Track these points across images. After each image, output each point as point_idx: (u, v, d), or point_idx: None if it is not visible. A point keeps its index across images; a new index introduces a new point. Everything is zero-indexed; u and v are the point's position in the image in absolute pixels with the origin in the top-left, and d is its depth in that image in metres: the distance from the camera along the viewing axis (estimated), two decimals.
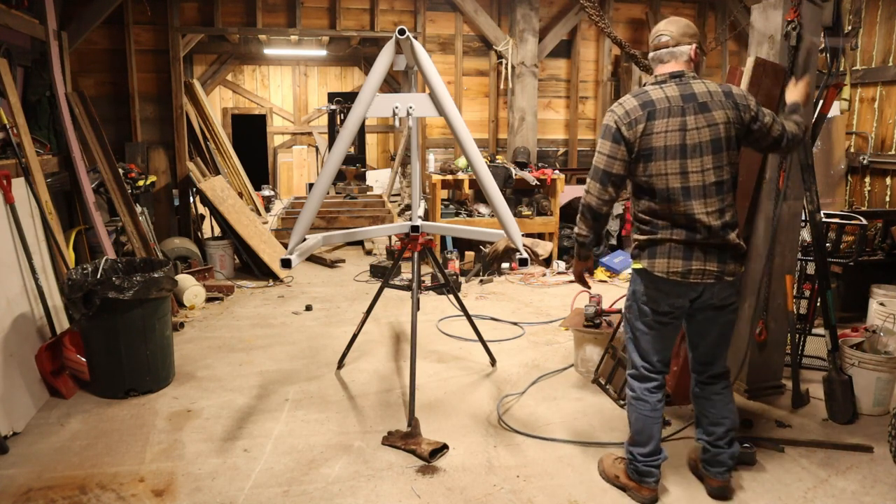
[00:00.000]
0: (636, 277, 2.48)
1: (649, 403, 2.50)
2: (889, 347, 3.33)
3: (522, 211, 6.62)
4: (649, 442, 2.50)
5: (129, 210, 4.98)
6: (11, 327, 3.26)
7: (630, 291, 2.53)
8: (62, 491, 2.58)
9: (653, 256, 2.38)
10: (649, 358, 2.50)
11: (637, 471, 2.53)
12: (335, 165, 3.10)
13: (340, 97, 10.67)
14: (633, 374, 2.56)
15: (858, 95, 6.01)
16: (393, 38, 3.06)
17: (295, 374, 3.82)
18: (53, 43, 4.69)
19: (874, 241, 4.85)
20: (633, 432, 2.54)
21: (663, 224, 2.37)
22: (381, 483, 2.65)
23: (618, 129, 2.33)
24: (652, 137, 2.30)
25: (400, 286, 4.33)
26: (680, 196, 2.31)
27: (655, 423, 2.50)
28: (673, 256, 2.35)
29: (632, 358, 2.56)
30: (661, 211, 2.36)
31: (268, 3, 6.57)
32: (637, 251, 2.45)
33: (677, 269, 2.34)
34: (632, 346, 2.55)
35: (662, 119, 2.30)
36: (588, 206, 2.43)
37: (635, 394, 2.53)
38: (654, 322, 2.46)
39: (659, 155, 2.31)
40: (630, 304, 2.53)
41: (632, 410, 2.54)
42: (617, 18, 7.44)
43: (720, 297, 2.42)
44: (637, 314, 2.50)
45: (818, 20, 3.24)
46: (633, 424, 2.54)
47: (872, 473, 2.75)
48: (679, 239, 2.35)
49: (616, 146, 2.34)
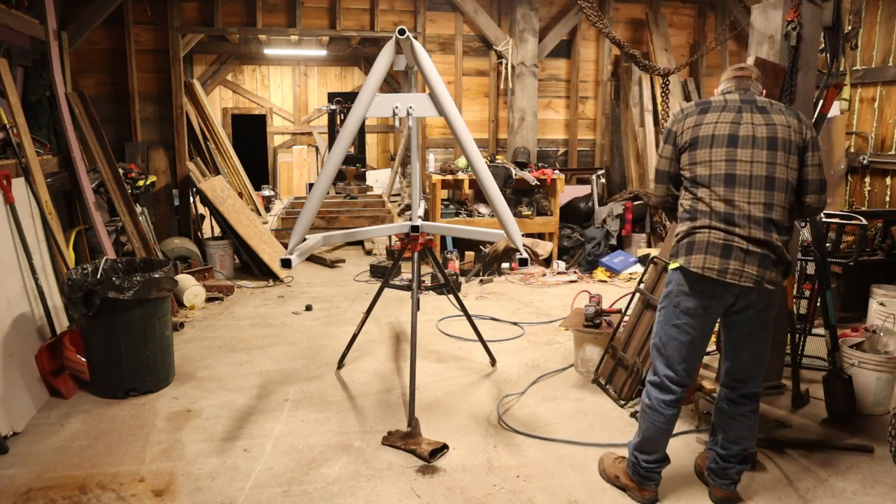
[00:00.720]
0: (672, 278, 2.41)
1: (664, 416, 2.43)
2: (889, 347, 3.33)
3: (522, 211, 6.62)
4: (656, 451, 2.48)
5: (129, 210, 4.98)
6: (11, 327, 3.26)
7: (664, 293, 2.45)
8: (62, 491, 2.58)
9: (689, 253, 2.32)
10: (674, 366, 2.41)
11: (639, 473, 2.51)
12: (335, 165, 3.10)
13: (340, 97, 10.67)
14: (655, 381, 2.46)
15: (858, 95, 6.01)
16: (393, 38, 3.06)
17: (295, 374, 3.82)
18: (53, 43, 4.69)
19: (874, 241, 4.85)
20: (642, 439, 2.49)
21: (703, 216, 2.31)
22: (381, 483, 2.65)
23: (670, 128, 2.45)
24: (701, 128, 2.36)
25: (400, 286, 4.33)
26: (722, 183, 2.28)
27: (666, 435, 2.47)
28: (710, 253, 2.28)
29: (655, 365, 2.47)
30: (703, 199, 2.31)
31: (268, 3, 6.57)
32: (675, 249, 2.39)
33: (714, 266, 2.26)
34: (657, 352, 2.47)
35: (715, 112, 2.36)
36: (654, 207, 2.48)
37: (651, 403, 2.45)
38: (685, 325, 2.37)
39: (705, 143, 2.33)
40: (663, 307, 2.46)
41: (644, 419, 2.48)
42: (617, 18, 7.44)
43: (757, 306, 2.33)
44: (668, 317, 2.42)
45: (818, 20, 3.24)
46: (643, 432, 2.49)
47: (872, 473, 2.75)
48: (718, 234, 2.27)
49: (669, 147, 2.45)
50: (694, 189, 2.36)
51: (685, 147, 2.38)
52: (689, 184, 2.38)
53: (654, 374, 2.48)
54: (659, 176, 2.52)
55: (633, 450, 2.54)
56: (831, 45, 3.35)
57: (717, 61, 7.77)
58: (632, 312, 3.68)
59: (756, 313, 2.35)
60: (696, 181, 2.35)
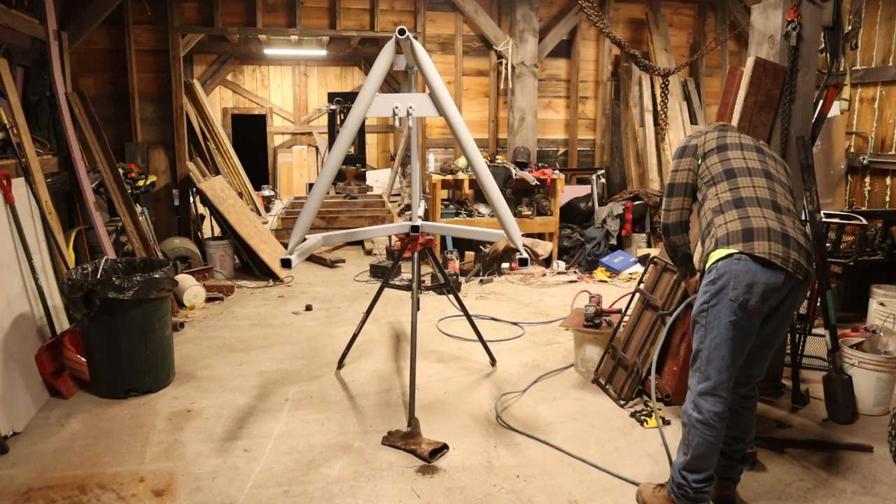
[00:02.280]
0: (724, 269, 2.20)
1: (716, 430, 2.24)
2: (889, 347, 3.33)
3: (522, 211, 6.62)
4: (708, 468, 2.29)
5: (129, 210, 4.97)
6: (11, 327, 3.26)
7: (711, 290, 2.23)
8: (62, 491, 2.58)
9: (749, 239, 2.17)
10: (730, 370, 2.22)
11: (688, 497, 2.30)
12: (335, 165, 3.10)
13: (340, 97, 10.67)
14: (706, 390, 2.25)
15: (858, 95, 6.01)
16: (393, 38, 3.06)
17: (295, 374, 3.82)
18: (53, 43, 4.69)
19: (874, 241, 4.85)
20: (692, 457, 2.28)
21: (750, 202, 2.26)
22: (381, 483, 2.65)
23: (687, 144, 2.54)
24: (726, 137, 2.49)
25: (400, 286, 4.33)
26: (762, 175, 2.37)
27: (717, 450, 2.30)
28: (773, 240, 2.17)
29: (707, 372, 2.25)
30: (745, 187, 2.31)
31: (268, 3, 6.57)
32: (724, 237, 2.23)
33: (778, 254, 2.15)
34: (707, 357, 2.25)
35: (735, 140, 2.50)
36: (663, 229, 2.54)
37: (703, 417, 2.24)
38: (741, 321, 2.18)
39: (735, 147, 2.45)
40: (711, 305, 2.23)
41: (695, 435, 2.26)
42: (617, 18, 7.44)
43: (794, 302, 2.27)
44: (721, 314, 2.20)
45: (818, 20, 3.24)
46: (693, 449, 2.27)
47: (872, 473, 2.75)
48: (774, 221, 2.22)
49: (689, 159, 2.50)
50: (730, 181, 2.35)
51: (711, 151, 2.46)
52: (722, 178, 2.37)
53: (703, 382, 2.26)
54: (676, 189, 2.51)
55: (681, 470, 2.32)
56: (831, 45, 3.36)
57: (717, 61, 7.77)
58: (632, 312, 3.68)
59: (789, 309, 2.29)
60: (732, 173, 2.36)
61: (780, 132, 3.28)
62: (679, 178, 2.52)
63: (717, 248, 2.25)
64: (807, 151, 3.31)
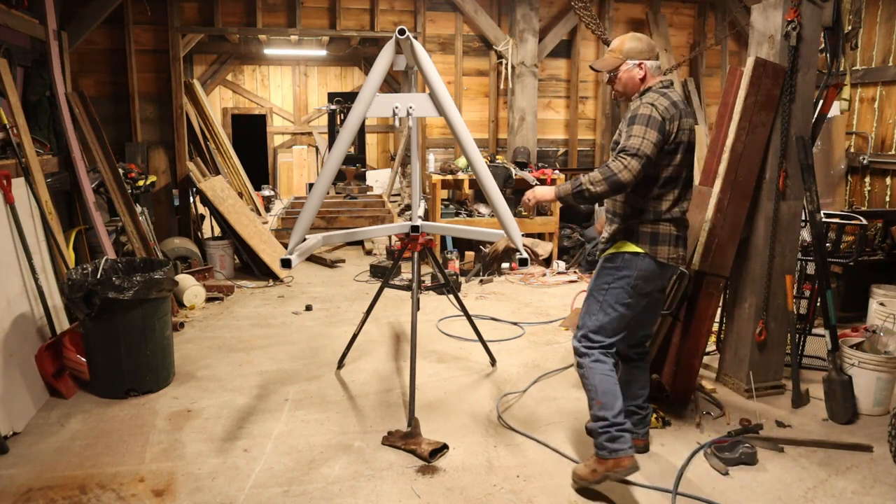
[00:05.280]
0: (630, 261, 2.56)
1: (607, 364, 2.58)
2: (889, 347, 3.33)
3: (522, 211, 6.62)
4: (616, 400, 2.52)
5: (129, 210, 4.97)
6: (11, 327, 3.26)
7: (614, 275, 2.59)
8: (62, 491, 2.58)
9: (655, 244, 2.56)
10: (617, 336, 2.63)
11: (612, 439, 2.47)
12: (335, 165, 3.10)
13: (340, 97, 10.66)
14: (602, 344, 2.60)
15: (858, 95, 6.01)
16: (393, 38, 3.06)
17: (295, 374, 3.82)
18: (53, 43, 4.69)
19: (874, 241, 4.84)
20: (601, 395, 2.51)
21: (667, 214, 2.56)
22: (381, 483, 2.65)
23: (663, 120, 2.47)
24: (680, 133, 2.53)
25: (400, 286, 4.33)
26: (682, 186, 2.59)
27: (617, 382, 2.57)
28: (672, 244, 2.58)
29: (605, 339, 2.60)
30: (673, 200, 2.56)
31: (268, 3, 6.57)
32: (635, 237, 2.56)
33: (675, 256, 2.60)
34: (602, 326, 2.59)
35: (686, 119, 2.55)
36: (621, 183, 2.39)
37: (594, 356, 2.58)
38: (637, 304, 2.62)
39: (682, 149, 2.55)
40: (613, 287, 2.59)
41: (594, 373, 2.55)
42: (617, 18, 7.44)
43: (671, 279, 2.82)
44: (623, 296, 2.57)
45: (818, 20, 3.24)
46: (598, 387, 2.53)
47: (872, 473, 2.75)
48: (675, 228, 2.59)
49: (660, 136, 2.46)
50: (665, 191, 2.56)
51: (670, 150, 2.52)
52: (662, 187, 2.56)
53: (593, 345, 2.60)
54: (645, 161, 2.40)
55: (598, 413, 2.52)
56: (831, 45, 3.36)
57: (717, 61, 7.77)
58: None
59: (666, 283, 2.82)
60: (671, 183, 2.56)
61: (780, 132, 3.28)
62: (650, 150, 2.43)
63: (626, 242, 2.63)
64: (807, 151, 3.31)
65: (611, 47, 2.67)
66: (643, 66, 2.59)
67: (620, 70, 2.61)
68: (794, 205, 3.39)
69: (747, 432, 2.98)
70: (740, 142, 3.27)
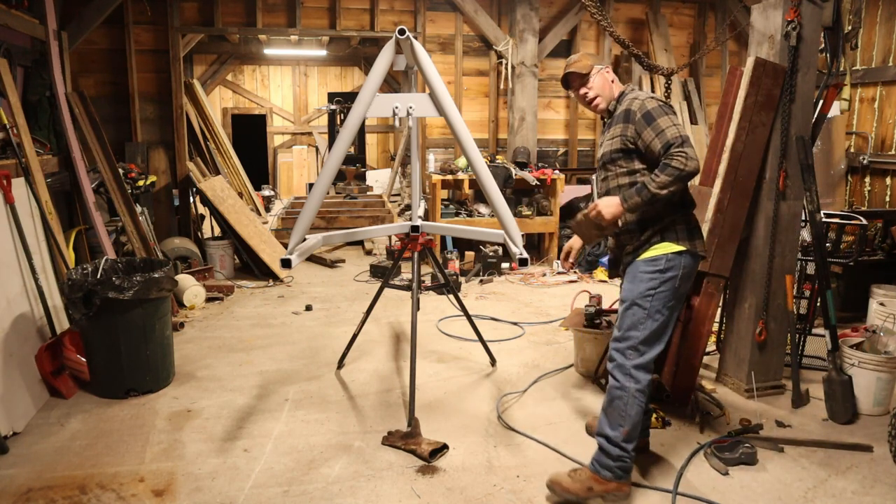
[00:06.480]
0: (673, 261, 2.46)
1: (646, 396, 2.51)
2: (889, 347, 3.33)
3: (522, 211, 6.62)
4: (637, 432, 2.49)
5: (129, 210, 4.97)
6: (11, 327, 3.26)
7: (662, 278, 2.45)
8: (62, 491, 2.58)
9: (693, 238, 2.51)
10: (663, 343, 2.53)
11: (624, 468, 2.46)
12: (335, 165, 3.10)
13: (340, 97, 10.67)
14: (643, 365, 2.48)
15: (858, 95, 6.01)
16: (393, 38, 3.05)
17: (295, 374, 3.82)
18: (53, 43, 4.69)
19: (874, 241, 4.84)
20: (632, 426, 2.45)
21: (690, 205, 2.56)
22: (381, 483, 2.65)
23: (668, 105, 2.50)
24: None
25: (400, 286, 4.33)
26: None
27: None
28: (701, 235, 2.57)
29: (652, 349, 2.48)
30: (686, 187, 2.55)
31: (268, 3, 6.57)
32: (673, 235, 2.48)
33: (704, 246, 2.57)
34: (657, 336, 2.48)
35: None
36: (692, 173, 2.32)
37: (641, 387, 2.47)
38: (678, 305, 2.53)
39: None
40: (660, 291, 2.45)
41: (634, 403, 2.45)
42: (617, 19, 7.44)
43: None
44: (668, 299, 2.46)
45: (818, 20, 3.24)
46: (632, 418, 2.45)
47: (872, 473, 2.75)
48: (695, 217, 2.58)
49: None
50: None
51: None
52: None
53: (642, 357, 2.48)
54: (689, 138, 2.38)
55: (621, 443, 2.45)
56: (831, 45, 3.36)
57: (717, 61, 7.77)
58: None
59: None
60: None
61: (780, 132, 3.28)
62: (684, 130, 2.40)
63: (664, 243, 2.50)
64: (807, 151, 3.31)
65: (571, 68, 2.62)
66: (609, 70, 2.68)
67: (592, 74, 2.62)
68: (794, 205, 3.39)
69: (747, 432, 2.98)
70: (740, 142, 3.27)
